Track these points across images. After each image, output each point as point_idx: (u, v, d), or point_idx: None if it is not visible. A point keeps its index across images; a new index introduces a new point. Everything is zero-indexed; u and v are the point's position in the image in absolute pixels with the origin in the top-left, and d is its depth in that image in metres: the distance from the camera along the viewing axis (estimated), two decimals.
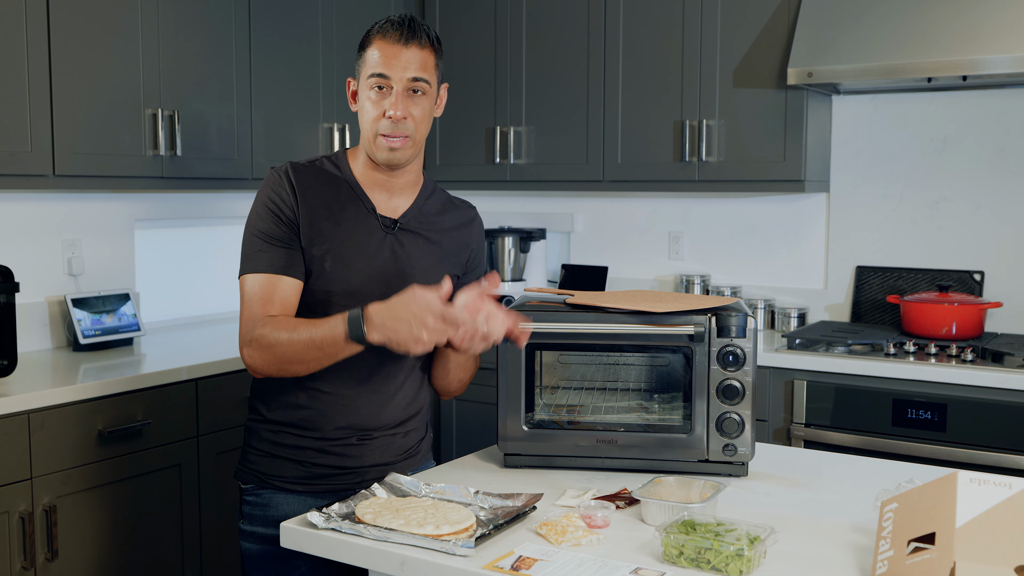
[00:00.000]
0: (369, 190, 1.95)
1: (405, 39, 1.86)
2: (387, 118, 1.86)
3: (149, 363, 3.07)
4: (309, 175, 1.92)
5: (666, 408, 2.02)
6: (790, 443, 3.13)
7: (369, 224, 1.92)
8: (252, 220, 1.90)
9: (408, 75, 1.86)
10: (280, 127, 3.55)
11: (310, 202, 1.89)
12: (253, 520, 1.96)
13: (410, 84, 1.87)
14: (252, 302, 1.85)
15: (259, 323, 1.83)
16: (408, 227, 1.96)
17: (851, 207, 3.64)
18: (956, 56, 2.98)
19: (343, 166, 1.96)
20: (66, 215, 3.31)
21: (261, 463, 1.95)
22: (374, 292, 1.89)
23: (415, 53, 1.87)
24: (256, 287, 1.85)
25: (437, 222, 2.01)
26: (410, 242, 1.95)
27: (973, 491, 1.34)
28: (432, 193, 2.04)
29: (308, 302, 1.90)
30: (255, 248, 1.87)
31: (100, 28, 2.96)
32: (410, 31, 1.87)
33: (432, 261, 1.97)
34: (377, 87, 1.87)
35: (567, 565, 1.46)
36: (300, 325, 1.79)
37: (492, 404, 1.99)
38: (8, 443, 2.49)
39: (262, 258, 1.86)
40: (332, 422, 1.92)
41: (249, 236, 1.89)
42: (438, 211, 2.02)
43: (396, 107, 1.86)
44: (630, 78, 3.69)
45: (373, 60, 1.87)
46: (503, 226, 4.16)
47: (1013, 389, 2.83)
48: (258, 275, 1.86)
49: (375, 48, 1.87)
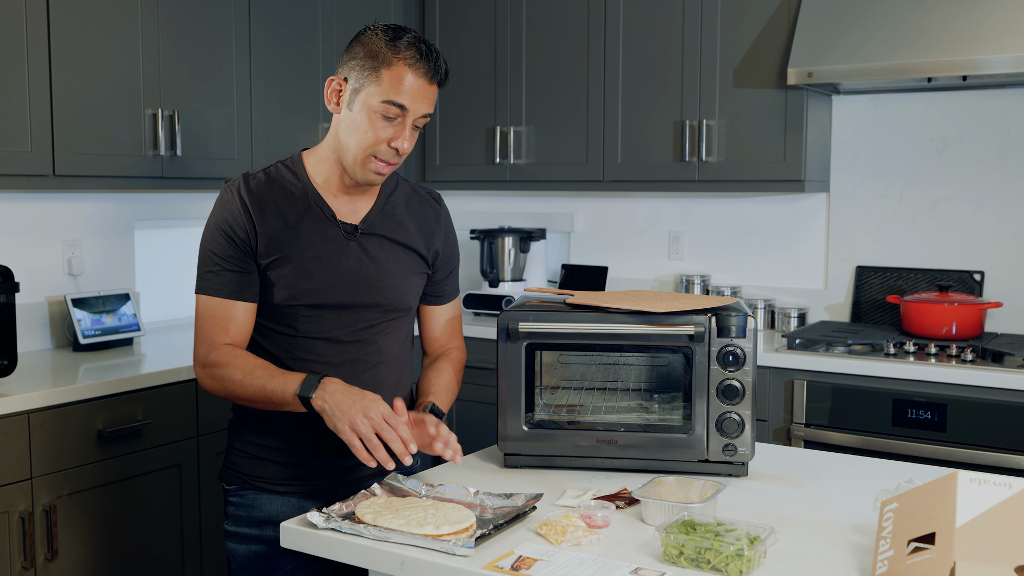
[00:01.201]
0: (329, 196, 1.91)
1: (432, 76, 1.81)
2: (391, 147, 1.82)
3: (149, 363, 3.07)
4: (264, 188, 1.88)
5: (666, 408, 2.02)
6: (790, 443, 3.13)
7: (329, 232, 1.88)
8: (206, 237, 1.88)
9: (423, 111, 1.83)
10: (280, 127, 3.55)
11: (266, 216, 1.86)
12: (238, 521, 1.95)
13: (419, 120, 1.84)
14: (206, 325, 1.86)
15: (213, 349, 1.84)
16: (371, 231, 1.92)
17: (851, 207, 3.64)
18: (956, 56, 2.98)
19: (300, 172, 1.91)
20: (66, 215, 3.31)
21: (244, 464, 1.94)
22: (340, 300, 1.88)
23: (435, 91, 1.83)
24: (210, 311, 1.86)
25: (401, 221, 1.96)
26: (374, 246, 1.92)
27: (973, 491, 1.34)
28: (395, 188, 1.99)
29: (273, 314, 1.88)
30: (207, 268, 1.87)
31: (100, 28, 2.96)
32: (436, 67, 1.81)
33: (398, 263, 1.94)
34: (388, 116, 1.80)
35: (567, 565, 1.46)
36: (255, 370, 1.80)
37: (492, 404, 1.99)
38: (8, 443, 2.49)
39: (214, 281, 1.86)
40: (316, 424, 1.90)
41: (203, 253, 1.88)
42: (403, 208, 1.98)
43: (406, 139, 1.82)
44: (630, 78, 3.69)
45: (395, 87, 1.78)
46: (503, 226, 4.16)
47: (1013, 389, 2.83)
48: (212, 299, 1.86)
49: (399, 73, 1.78)
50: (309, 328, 1.89)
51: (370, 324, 1.92)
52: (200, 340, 1.87)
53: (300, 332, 1.89)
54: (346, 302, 1.89)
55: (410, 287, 1.97)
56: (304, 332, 1.89)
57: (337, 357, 1.90)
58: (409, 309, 2.00)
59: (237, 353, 1.84)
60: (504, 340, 1.94)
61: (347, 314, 1.90)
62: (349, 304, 1.90)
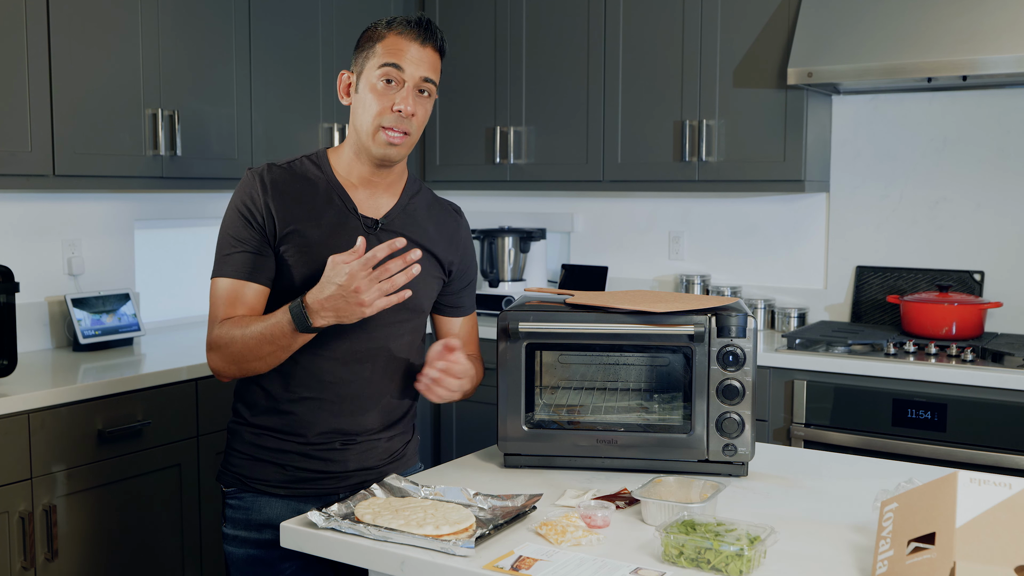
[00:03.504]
0: (351, 189, 1.92)
1: (423, 39, 1.87)
2: (394, 112, 1.85)
3: (149, 363, 3.07)
4: (286, 177, 1.90)
5: (666, 408, 2.02)
6: (790, 443, 3.13)
7: (349, 225, 1.89)
8: (225, 222, 1.89)
9: (421, 73, 1.86)
10: (280, 127, 3.55)
11: (286, 204, 1.87)
12: (236, 524, 1.94)
13: (420, 83, 1.86)
14: (216, 307, 1.87)
15: (218, 327, 1.85)
16: (390, 227, 1.93)
17: (851, 207, 3.64)
18: (956, 56, 2.98)
19: (324, 165, 1.93)
20: (66, 215, 3.31)
21: (243, 466, 1.94)
22: None
23: (430, 54, 1.88)
24: (222, 293, 1.87)
25: (422, 223, 1.98)
26: None
27: (973, 491, 1.34)
28: (418, 192, 2.01)
29: (284, 300, 1.87)
30: (224, 252, 1.87)
31: (100, 28, 2.96)
32: (428, 32, 1.88)
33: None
34: (387, 79, 1.85)
35: (567, 565, 1.46)
36: (251, 322, 1.81)
37: (492, 404, 1.99)
38: (8, 443, 2.49)
39: (229, 263, 1.86)
40: (314, 427, 1.90)
41: (221, 238, 1.89)
42: (424, 212, 1.99)
43: (407, 101, 1.85)
44: (630, 78, 3.69)
45: (388, 50, 1.85)
46: (503, 226, 4.16)
47: (1013, 389, 2.83)
48: (225, 280, 1.86)
49: (391, 40, 1.85)
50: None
51: (378, 321, 1.91)
52: (210, 323, 1.87)
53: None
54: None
55: (424, 288, 1.96)
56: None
57: (342, 352, 1.89)
58: (421, 311, 1.98)
59: (236, 319, 1.83)
60: (504, 340, 1.94)
61: None
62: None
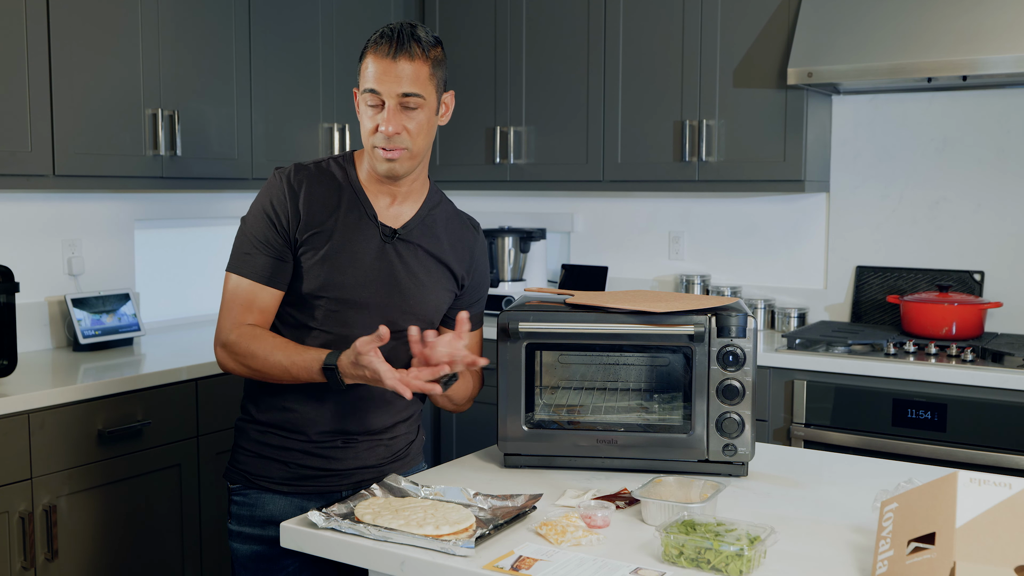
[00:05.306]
0: (373, 196, 1.94)
1: (394, 53, 1.82)
2: (381, 132, 1.85)
3: (149, 363, 3.07)
4: (313, 179, 1.91)
5: (666, 408, 2.02)
6: (790, 443, 3.13)
7: (368, 231, 1.91)
8: (248, 219, 1.91)
9: (399, 90, 1.83)
10: (280, 127, 3.55)
11: (310, 206, 1.89)
12: (241, 520, 1.96)
13: (401, 100, 1.84)
14: (232, 305, 1.90)
15: (235, 328, 1.88)
16: (408, 238, 1.94)
17: (851, 207, 3.64)
18: (956, 56, 2.98)
19: (349, 169, 1.95)
20: (66, 215, 3.31)
21: (248, 463, 1.96)
22: (365, 299, 1.89)
23: (405, 67, 1.82)
24: (239, 292, 1.89)
25: (439, 235, 1.99)
26: (408, 253, 1.94)
27: (973, 491, 1.34)
28: (438, 203, 2.02)
29: (297, 302, 1.90)
30: (244, 249, 1.89)
31: (100, 28, 2.96)
32: (399, 44, 1.82)
33: (429, 275, 1.96)
34: (370, 104, 1.86)
35: (567, 565, 1.46)
36: (276, 349, 1.84)
37: (492, 404, 1.99)
38: (8, 443, 2.49)
39: (249, 263, 1.88)
40: (317, 425, 1.92)
41: (242, 234, 1.91)
42: (442, 224, 2.01)
43: (388, 122, 1.83)
44: (630, 78, 3.69)
45: (367, 75, 1.85)
46: (503, 226, 4.16)
47: (1013, 389, 2.83)
48: (242, 279, 1.89)
49: (369, 61, 1.85)
50: (327, 323, 1.89)
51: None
52: (224, 318, 1.90)
53: (318, 325, 1.90)
54: (371, 302, 1.90)
55: (435, 300, 1.97)
56: (322, 326, 1.89)
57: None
58: (430, 323, 1.98)
59: (258, 333, 1.87)
60: (504, 340, 1.94)
61: (368, 315, 1.90)
62: (373, 304, 1.90)
